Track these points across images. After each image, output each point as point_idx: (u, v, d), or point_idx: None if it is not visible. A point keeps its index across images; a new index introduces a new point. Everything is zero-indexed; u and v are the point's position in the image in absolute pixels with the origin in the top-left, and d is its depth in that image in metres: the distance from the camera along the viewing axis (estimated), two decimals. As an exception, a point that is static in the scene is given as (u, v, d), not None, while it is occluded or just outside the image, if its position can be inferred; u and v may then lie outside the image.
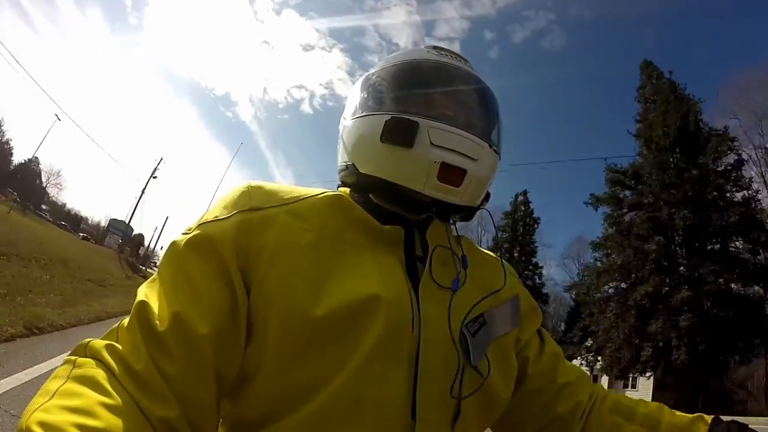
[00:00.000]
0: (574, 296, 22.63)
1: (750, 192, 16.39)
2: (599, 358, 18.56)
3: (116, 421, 0.38)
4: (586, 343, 20.06)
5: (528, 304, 0.67)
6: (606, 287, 18.42)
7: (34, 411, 0.37)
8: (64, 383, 0.41)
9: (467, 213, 0.65)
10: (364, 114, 0.62)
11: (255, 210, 0.55)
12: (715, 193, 16.53)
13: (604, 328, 17.66)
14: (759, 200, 16.34)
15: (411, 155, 0.57)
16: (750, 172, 17.31)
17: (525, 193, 29.74)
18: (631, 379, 19.03)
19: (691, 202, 16.21)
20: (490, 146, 0.61)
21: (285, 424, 0.47)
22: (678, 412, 0.60)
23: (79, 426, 0.35)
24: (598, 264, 18.94)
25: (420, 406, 0.49)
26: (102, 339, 0.47)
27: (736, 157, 16.97)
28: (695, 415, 0.58)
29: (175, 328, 0.45)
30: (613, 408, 0.63)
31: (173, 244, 0.53)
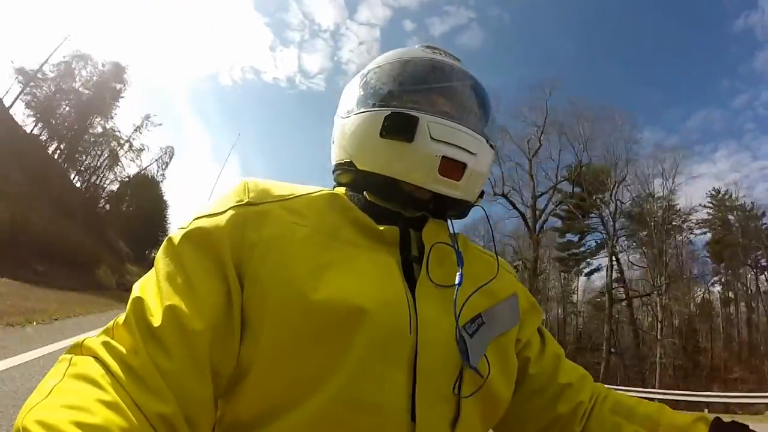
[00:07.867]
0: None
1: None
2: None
3: (114, 418, 0.37)
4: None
5: (527, 302, 0.66)
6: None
7: (30, 410, 0.37)
8: (60, 381, 0.40)
9: (462, 210, 0.65)
10: (362, 111, 0.62)
11: (250, 205, 0.54)
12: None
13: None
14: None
15: (412, 149, 0.57)
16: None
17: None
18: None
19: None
20: (487, 141, 0.62)
21: (281, 425, 0.46)
22: (679, 413, 0.60)
23: (77, 423, 0.35)
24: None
25: (419, 408, 0.48)
26: (98, 336, 0.46)
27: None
28: (697, 415, 0.58)
29: (170, 323, 0.45)
30: (613, 408, 0.62)
31: (169, 239, 0.52)
